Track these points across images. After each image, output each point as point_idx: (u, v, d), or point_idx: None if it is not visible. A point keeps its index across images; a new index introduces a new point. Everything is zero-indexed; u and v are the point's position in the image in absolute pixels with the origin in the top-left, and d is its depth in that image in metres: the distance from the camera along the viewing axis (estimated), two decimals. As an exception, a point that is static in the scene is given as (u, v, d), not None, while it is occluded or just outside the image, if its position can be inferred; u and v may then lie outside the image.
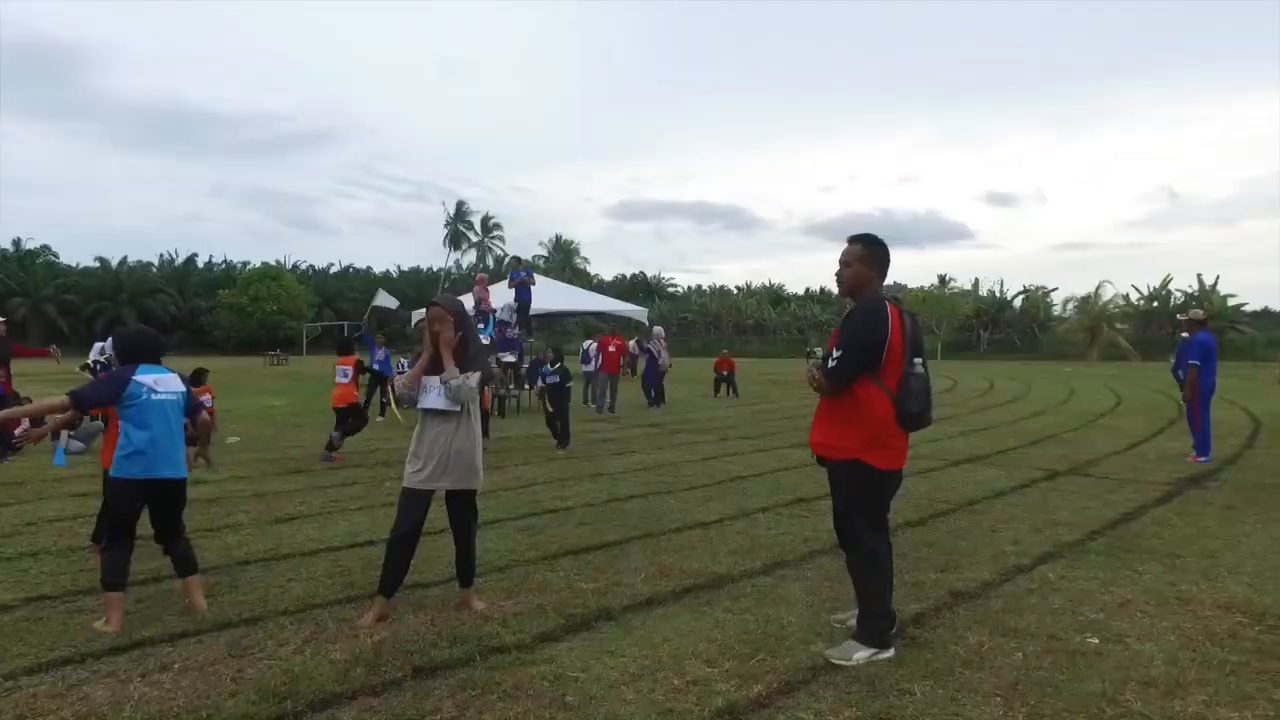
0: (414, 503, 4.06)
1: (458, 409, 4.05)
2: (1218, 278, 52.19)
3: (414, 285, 69.97)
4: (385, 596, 4.04)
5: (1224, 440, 10.64)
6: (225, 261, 69.84)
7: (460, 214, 68.65)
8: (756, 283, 78.31)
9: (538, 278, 29.02)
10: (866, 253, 3.65)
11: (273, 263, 65.22)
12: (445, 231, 68.78)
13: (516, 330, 16.04)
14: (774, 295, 74.96)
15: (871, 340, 3.45)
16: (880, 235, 3.69)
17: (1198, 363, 9.16)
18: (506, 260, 18.84)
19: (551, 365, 11.13)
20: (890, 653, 3.50)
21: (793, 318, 67.98)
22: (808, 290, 74.81)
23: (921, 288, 62.16)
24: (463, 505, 4.23)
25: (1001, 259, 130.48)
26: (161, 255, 68.14)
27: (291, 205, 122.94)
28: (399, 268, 77.45)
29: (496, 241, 69.89)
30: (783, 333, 65.64)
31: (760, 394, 20.41)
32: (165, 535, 4.29)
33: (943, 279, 65.11)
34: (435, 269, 73.49)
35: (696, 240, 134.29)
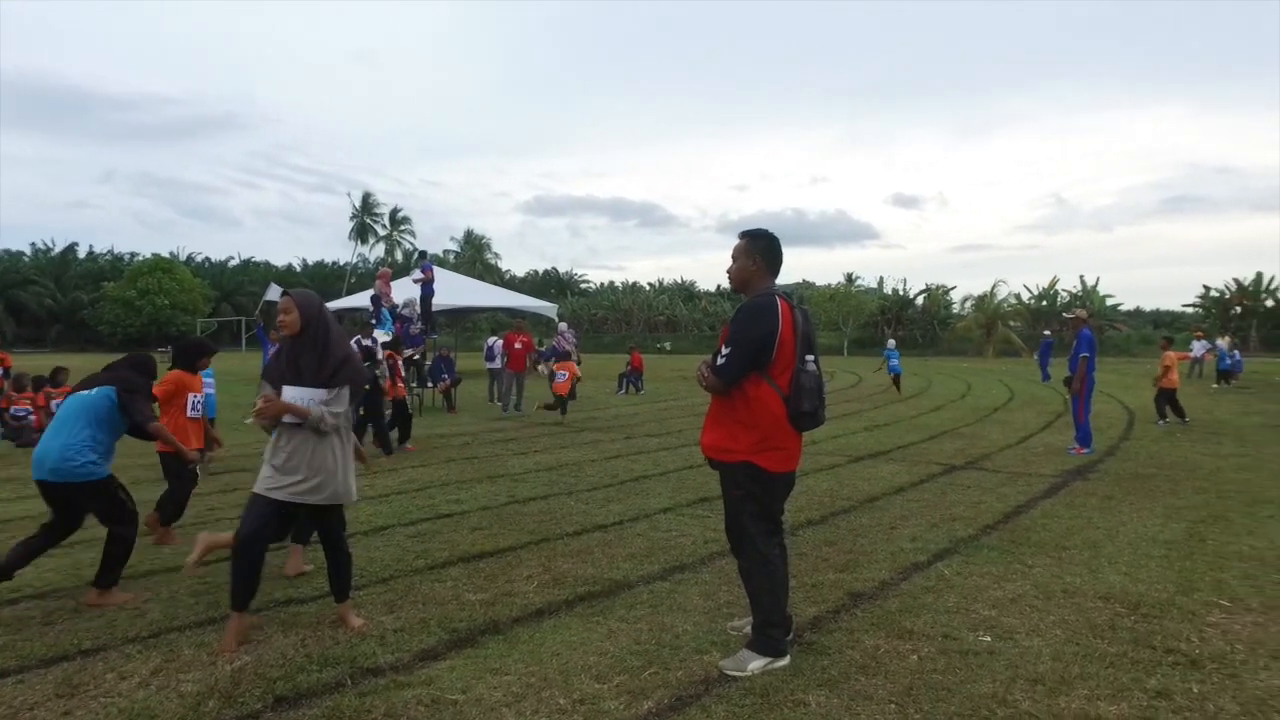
0: (262, 508, 3.67)
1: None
2: (1098, 279, 55.67)
3: (319, 279, 67.45)
4: (238, 611, 3.66)
5: (1103, 433, 11.16)
6: (112, 252, 65.77)
7: (368, 206, 66.41)
8: (669, 279, 78.84)
9: (446, 273, 28.45)
10: (753, 247, 3.53)
11: (166, 254, 61.73)
12: (352, 224, 66.42)
13: (419, 326, 15.51)
14: (686, 292, 75.61)
15: (760, 336, 3.32)
16: (792, 234, 3.60)
17: (1088, 354, 9.59)
18: (415, 256, 18.23)
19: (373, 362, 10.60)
20: (785, 661, 3.39)
21: (704, 314, 68.70)
22: (719, 287, 75.74)
23: (829, 285, 63.81)
24: (330, 519, 3.91)
25: (905, 258, 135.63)
26: (34, 245, 63.61)
27: (189, 194, 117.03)
28: (304, 261, 74.66)
29: (406, 236, 67.95)
30: (694, 329, 66.24)
31: (669, 390, 20.39)
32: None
33: (850, 277, 67.00)
34: (341, 263, 71.02)
35: (611, 236, 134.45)
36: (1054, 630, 3.80)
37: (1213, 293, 55.37)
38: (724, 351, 3.37)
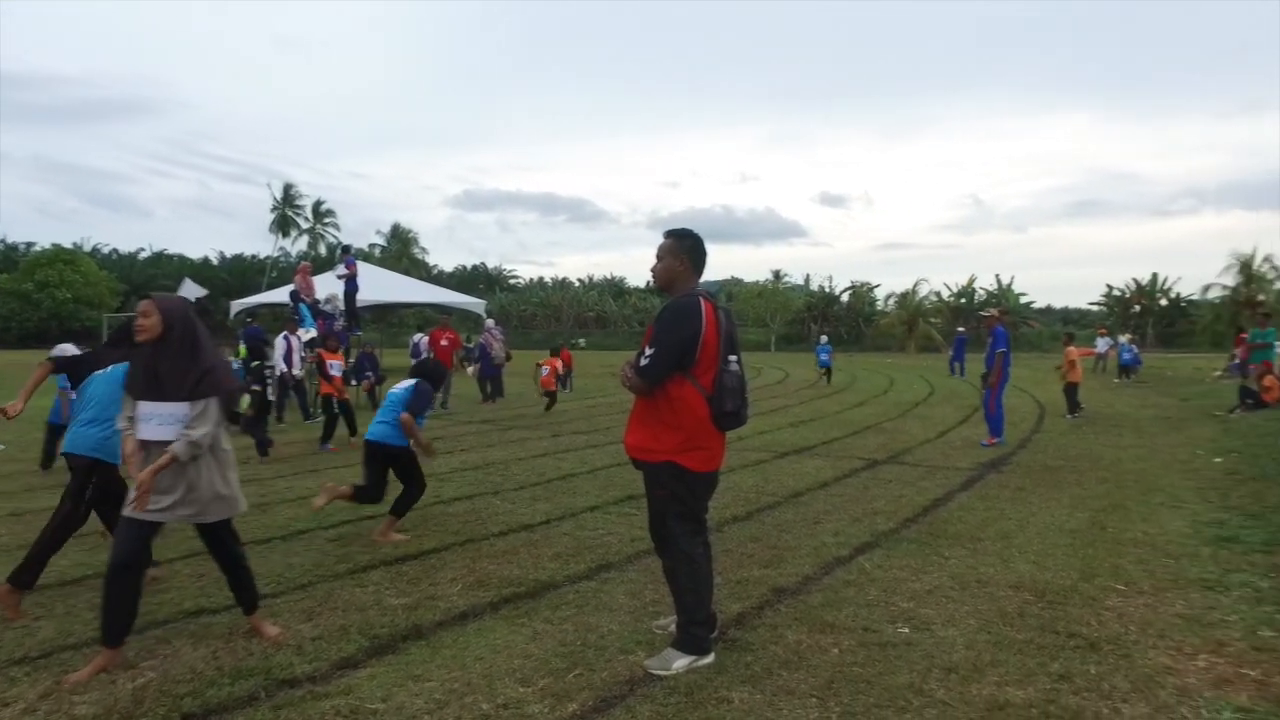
0: (134, 531, 3.39)
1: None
2: (1013, 278, 58.03)
3: (238, 273, 64.98)
4: (108, 647, 3.35)
5: (1016, 426, 11.62)
6: (4, 242, 61.93)
7: (289, 198, 64.10)
8: (599, 275, 78.75)
9: (371, 268, 27.74)
10: (679, 247, 3.53)
11: (68, 245, 58.42)
12: (273, 217, 64.08)
13: (342, 322, 15.09)
14: (616, 288, 75.63)
15: (684, 337, 3.32)
16: (721, 231, 3.62)
17: (1004, 350, 10.00)
18: (339, 250, 17.69)
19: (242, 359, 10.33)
20: (710, 659, 3.41)
21: (634, 310, 68.85)
22: (649, 284, 75.89)
23: (758, 283, 64.75)
24: (220, 535, 3.66)
25: (832, 256, 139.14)
26: (-95, 234, 59.42)
27: (93, 181, 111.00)
28: (221, 254, 71.65)
29: (329, 229, 65.86)
30: (623, 326, 66.35)
31: (598, 387, 20.37)
32: None
33: (777, 274, 68.15)
34: (262, 256, 68.52)
35: (541, 232, 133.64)
36: (968, 620, 3.93)
37: (1115, 292, 58.28)
38: (647, 352, 3.36)
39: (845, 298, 63.65)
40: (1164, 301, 56.24)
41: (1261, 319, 15.30)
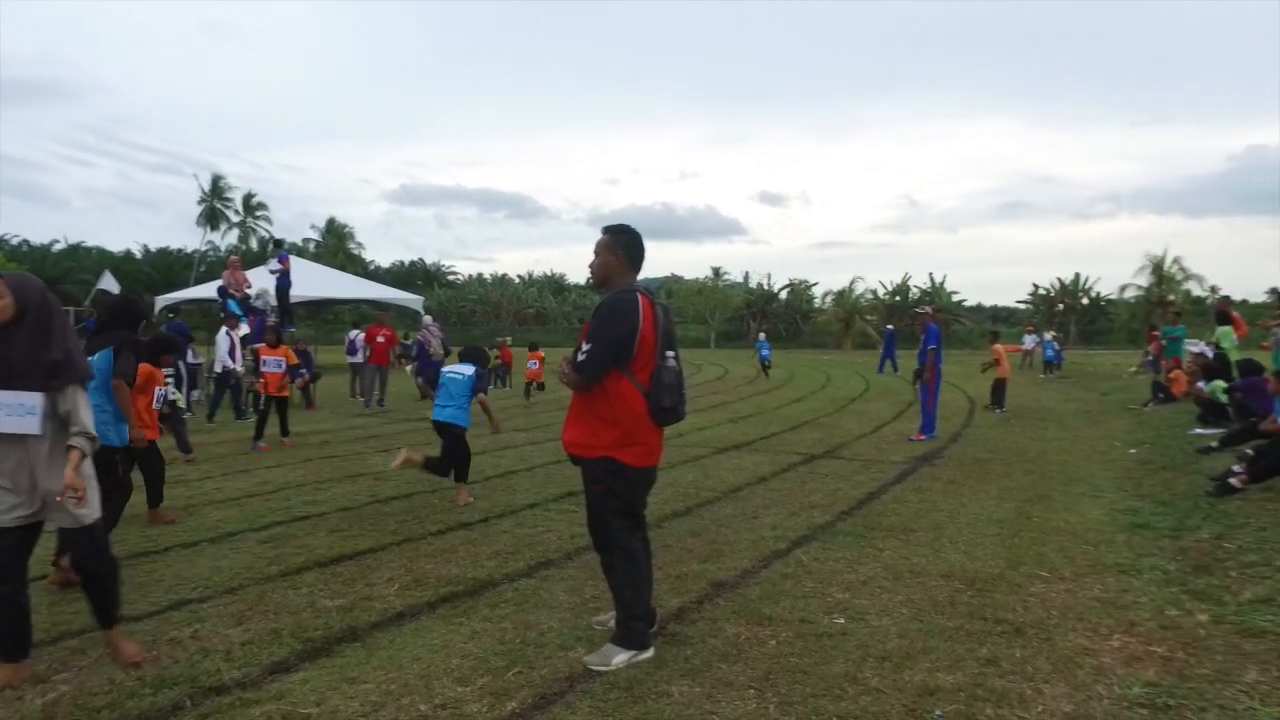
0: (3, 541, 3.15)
1: (36, 431, 3.12)
2: (945, 276, 59.71)
3: (163, 267, 62.56)
4: (6, 661, 3.18)
5: (947, 420, 11.95)
6: (-103, 233, 58.47)
7: (218, 190, 61.76)
8: (539, 272, 78.31)
9: (305, 263, 27.01)
10: (615, 242, 3.54)
11: (-31, 234, 55.42)
12: (200, 209, 61.73)
13: (273, 318, 14.67)
14: (556, 285, 75.32)
15: (620, 333, 3.33)
16: (662, 228, 3.63)
17: (935, 347, 10.28)
18: (271, 244, 17.15)
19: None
20: (650, 653, 3.43)
21: (574, 307, 68.67)
22: (589, 280, 75.59)
23: (697, 280, 65.19)
24: (75, 540, 3.36)
25: (771, 254, 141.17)
26: None
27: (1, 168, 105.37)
28: (145, 247, 68.90)
29: (261, 223, 63.82)
30: (564, 322, 66.13)
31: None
32: None
33: (717, 272, 68.73)
34: (189, 250, 66.04)
35: (480, 228, 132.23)
36: (901, 609, 4.03)
37: (1041, 291, 60.48)
38: (584, 348, 3.36)
39: (784, 295, 64.59)
40: (1085, 300, 58.59)
41: (1173, 317, 16.06)
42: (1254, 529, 5.11)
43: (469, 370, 6.68)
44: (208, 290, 21.81)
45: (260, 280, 16.32)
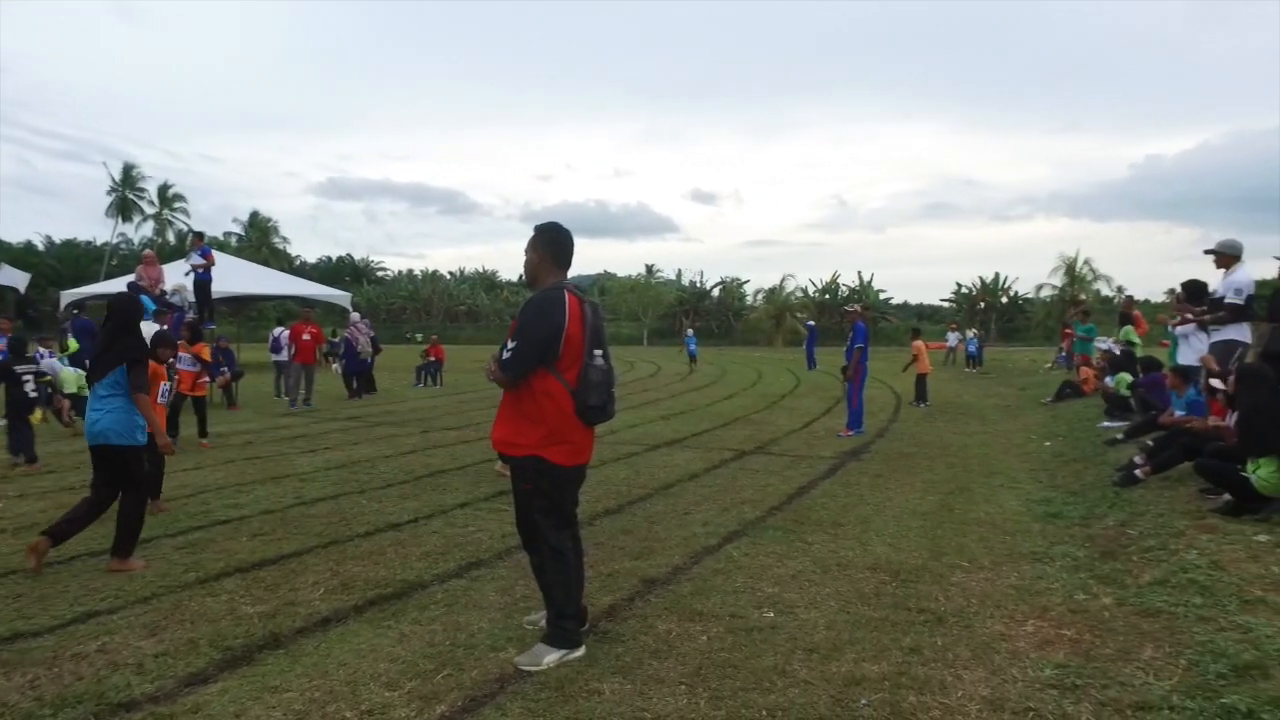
0: None
1: None
2: (873, 275, 61.08)
3: (69, 261, 59.56)
4: None
5: (874, 416, 12.27)
6: None
7: (130, 180, 58.98)
8: (470, 268, 77.35)
9: (227, 257, 26.06)
10: (540, 240, 3.52)
11: None
12: (111, 199, 58.82)
13: (191, 315, 14.10)
14: (488, 281, 74.50)
15: (546, 330, 3.31)
16: (595, 226, 3.62)
17: (862, 345, 10.52)
18: (189, 237, 16.43)
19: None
20: (581, 652, 3.42)
21: (505, 304, 68.06)
22: (521, 277, 75.12)
23: (630, 277, 65.32)
24: None
25: (703, 252, 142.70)
26: None
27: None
28: (49, 239, 65.47)
29: (179, 215, 61.26)
30: (495, 319, 65.49)
31: (469, 382, 20.00)
32: None
33: (650, 269, 68.98)
34: (99, 242, 62.95)
35: (410, 223, 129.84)
36: (829, 602, 4.12)
37: (963, 289, 62.49)
38: (509, 345, 3.34)
39: (716, 293, 65.22)
40: (1005, 299, 60.80)
41: (1083, 316, 16.79)
42: (1153, 515, 5.39)
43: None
44: (118, 285, 20.85)
45: (179, 276, 15.68)
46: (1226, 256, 7.31)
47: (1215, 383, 6.26)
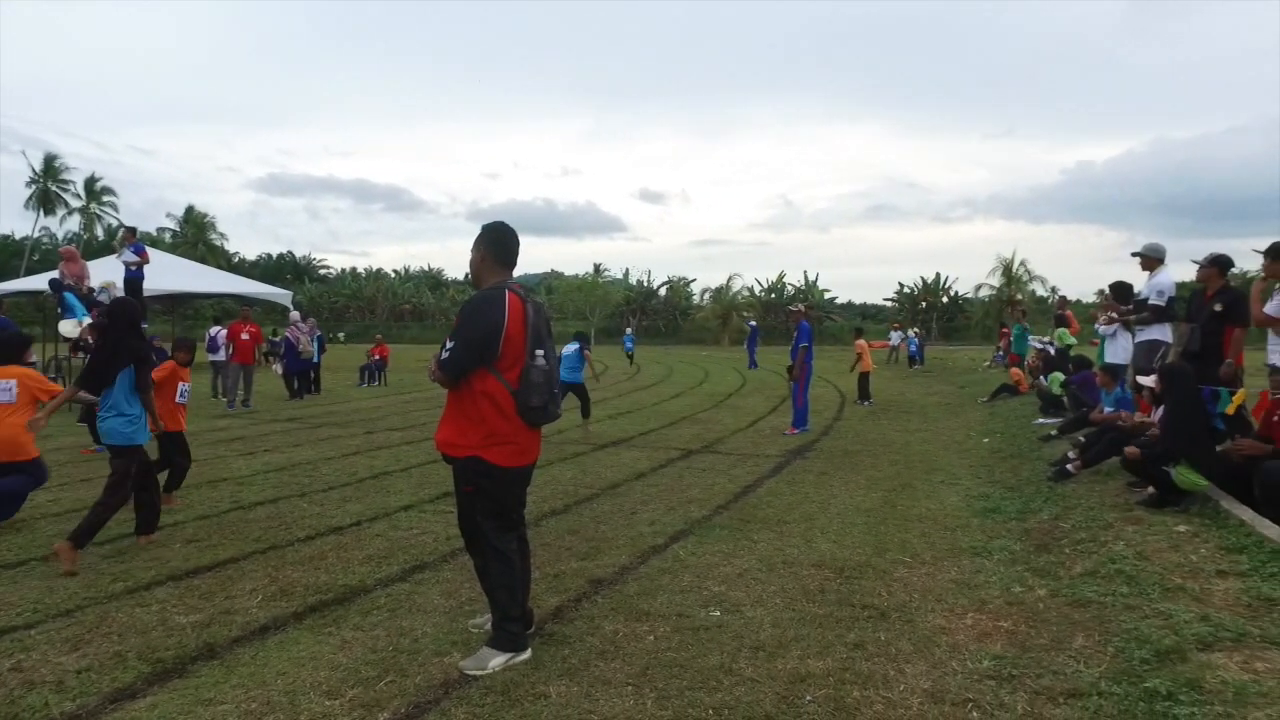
0: None
1: None
2: (818, 275, 61.98)
3: (-15, 255, 56.89)
4: None
5: (819, 414, 12.45)
6: None
7: (52, 171, 56.37)
8: (416, 266, 76.22)
9: (161, 254, 25.17)
10: (484, 239, 3.48)
11: None
12: (31, 191, 56.19)
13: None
14: (433, 280, 73.50)
15: (483, 330, 3.26)
16: (543, 224, 3.58)
17: (807, 344, 10.67)
18: (120, 233, 15.72)
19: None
20: (527, 654, 3.39)
21: (451, 303, 67.23)
22: (468, 276, 74.33)
23: (578, 276, 65.13)
24: None
25: (651, 251, 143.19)
26: None
27: None
28: (-41, 232, 62.32)
29: (108, 209, 58.89)
30: (441, 318, 64.68)
31: (415, 382, 19.69)
32: None
33: (598, 268, 68.88)
34: (18, 236, 60.20)
35: (354, 220, 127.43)
36: (774, 599, 4.16)
37: (905, 289, 63.83)
38: (448, 345, 3.30)
39: (663, 292, 65.42)
40: (945, 299, 62.29)
41: (1019, 315, 17.31)
42: (1084, 509, 5.58)
43: (575, 346, 10.76)
44: (39, 282, 19.99)
45: (107, 272, 15.09)
46: (1150, 259, 7.62)
47: (1142, 380, 6.51)
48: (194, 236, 60.02)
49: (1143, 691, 2.91)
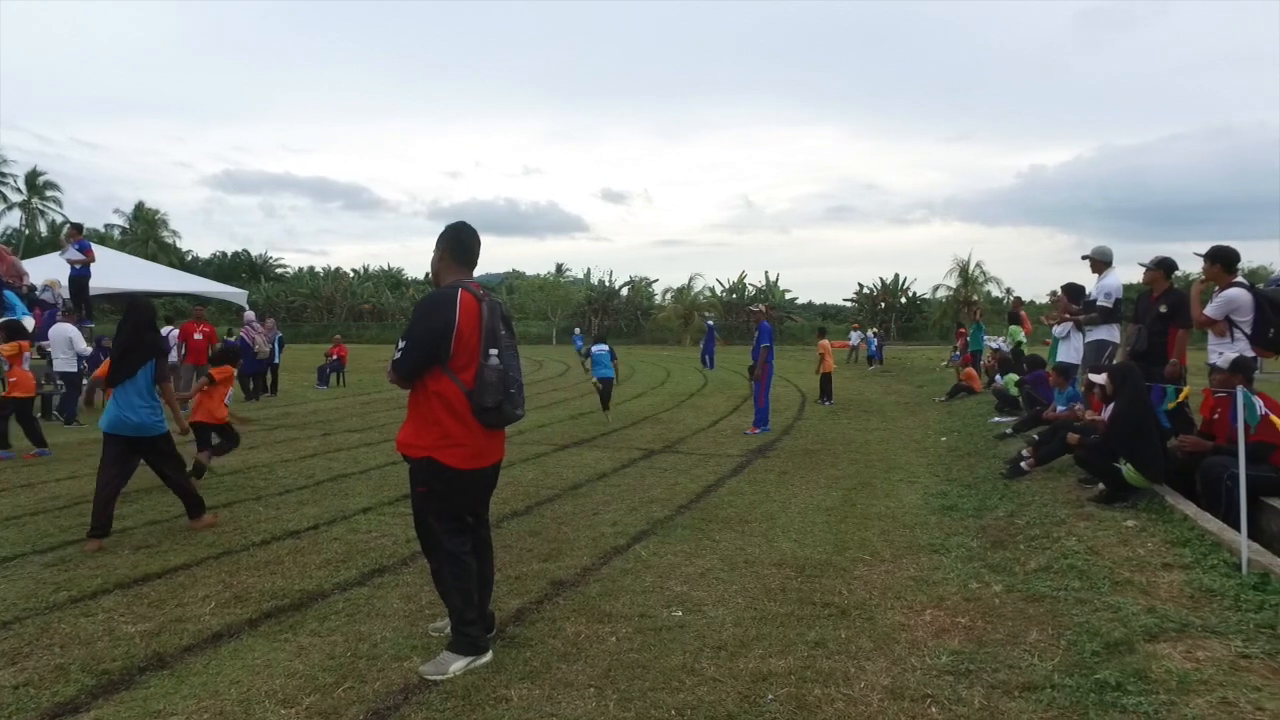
0: None
1: None
2: (778, 275, 62.41)
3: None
4: None
5: (780, 414, 12.55)
6: None
7: (-12, 163, 54.46)
8: (375, 266, 75.16)
9: (109, 251, 24.43)
10: (442, 238, 3.45)
11: None
12: (-36, 184, 54.06)
13: (62, 312, 13.20)
14: (393, 280, 72.55)
15: (433, 329, 3.21)
16: (505, 224, 3.53)
17: (768, 344, 10.74)
18: (65, 229, 15.20)
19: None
20: (488, 657, 3.36)
21: (411, 302, 66.40)
22: (428, 275, 73.40)
23: (539, 276, 64.86)
24: None
25: (613, 251, 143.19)
26: None
27: None
28: (-117, 224, 59.74)
29: (51, 205, 57.05)
30: (401, 318, 63.87)
31: (372, 383, 19.42)
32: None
33: (559, 268, 68.67)
34: (-46, 232, 57.95)
35: (312, 219, 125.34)
36: (736, 599, 4.17)
37: (865, 290, 64.62)
38: (400, 345, 3.26)
39: (625, 292, 65.39)
40: (904, 299, 63.20)
41: (976, 315, 17.64)
42: (1038, 506, 5.70)
43: (605, 347, 12.68)
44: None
45: (50, 270, 14.62)
46: (1099, 262, 7.83)
47: (1094, 377, 6.67)
48: (144, 234, 58.50)
49: (1093, 683, 2.98)
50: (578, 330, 32.43)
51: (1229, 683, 2.87)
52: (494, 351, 3.25)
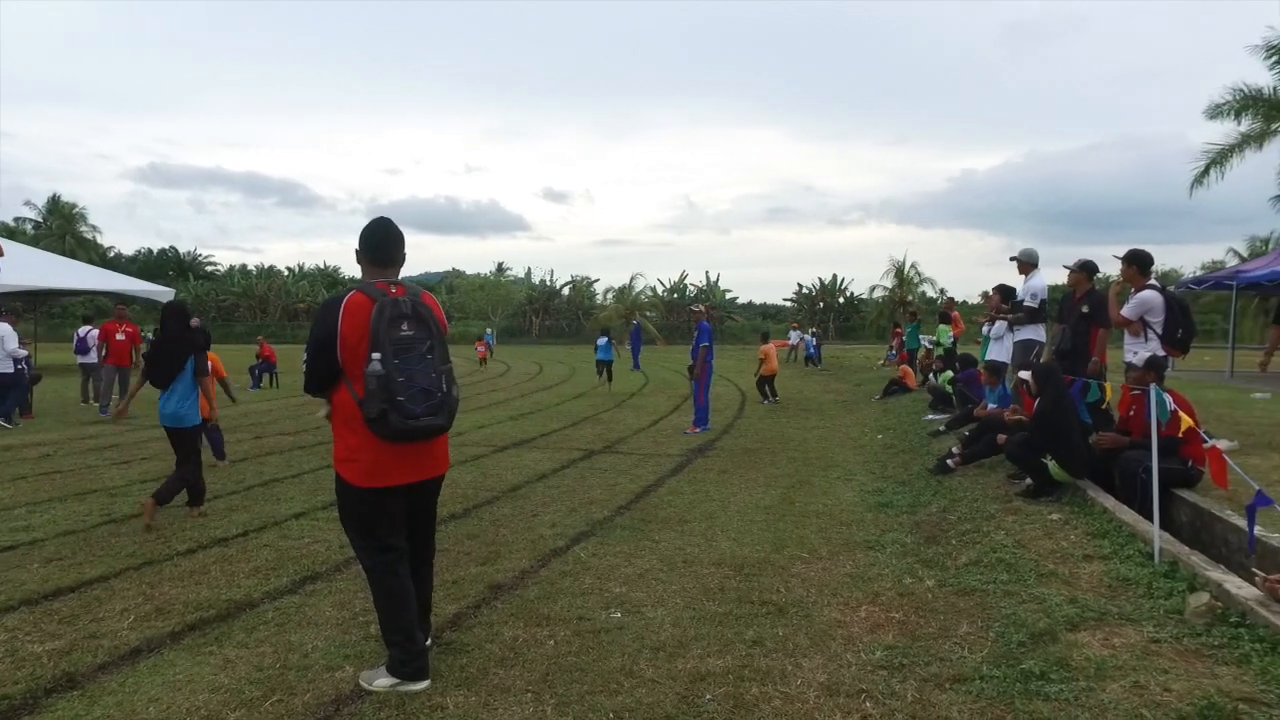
0: None
1: None
2: (719, 275, 63.04)
3: None
4: None
5: (720, 413, 12.65)
6: None
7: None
8: (311, 264, 73.30)
9: (20, 247, 23.32)
10: (359, 238, 3.25)
11: None
12: None
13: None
14: (329, 278, 70.86)
15: (317, 339, 3.03)
16: (446, 222, 3.43)
17: (708, 344, 10.81)
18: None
19: None
20: (419, 686, 3.13)
21: (348, 302, 65.01)
22: (367, 274, 72.09)
23: (480, 275, 64.16)
24: None
25: (554, 250, 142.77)
26: None
27: None
28: None
29: (-46, 197, 54.10)
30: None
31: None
32: None
33: (500, 267, 68.03)
34: None
35: (245, 215, 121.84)
36: (675, 599, 4.17)
37: (804, 290, 65.68)
38: (304, 357, 3.16)
39: (566, 291, 65.19)
40: (842, 299, 64.43)
41: (910, 316, 18.07)
42: (969, 501, 5.86)
43: (605, 339, 17.89)
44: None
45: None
46: (1025, 264, 8.11)
47: (1022, 374, 6.89)
48: (60, 228, 55.92)
49: (1019, 673, 3.07)
50: (489, 330, 36.30)
51: (1141, 667, 2.99)
52: (375, 356, 2.92)
